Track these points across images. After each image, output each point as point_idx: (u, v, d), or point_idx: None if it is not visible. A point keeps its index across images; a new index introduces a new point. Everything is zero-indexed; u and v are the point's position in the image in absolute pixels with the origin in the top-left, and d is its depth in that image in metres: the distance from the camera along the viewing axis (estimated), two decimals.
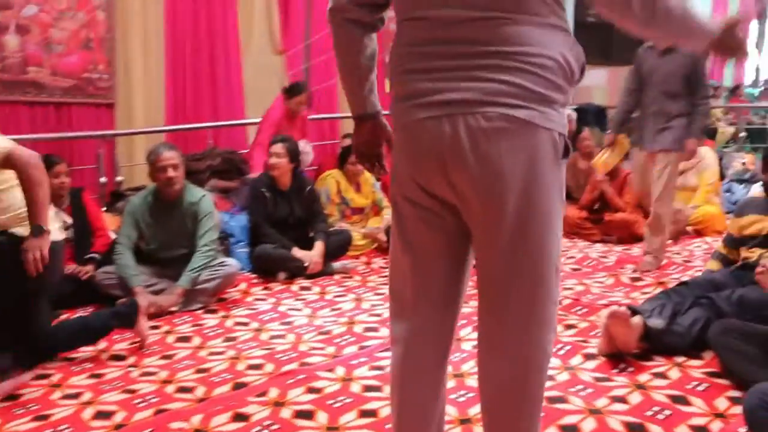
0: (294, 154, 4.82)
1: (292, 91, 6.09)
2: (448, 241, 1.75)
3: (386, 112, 1.83)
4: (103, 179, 5.86)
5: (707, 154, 6.02)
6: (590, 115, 8.52)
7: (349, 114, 1.95)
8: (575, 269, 4.75)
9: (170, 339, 3.49)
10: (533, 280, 1.67)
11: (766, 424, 2.12)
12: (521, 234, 1.62)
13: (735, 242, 3.52)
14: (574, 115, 7.34)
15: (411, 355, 1.81)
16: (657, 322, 3.08)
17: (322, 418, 2.57)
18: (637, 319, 3.08)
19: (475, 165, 1.57)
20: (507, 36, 1.56)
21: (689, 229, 5.72)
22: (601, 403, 2.63)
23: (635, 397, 2.68)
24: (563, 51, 1.61)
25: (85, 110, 6.56)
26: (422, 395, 1.83)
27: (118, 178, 6.04)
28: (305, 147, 5.91)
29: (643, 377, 2.87)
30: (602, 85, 11.37)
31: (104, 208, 5.43)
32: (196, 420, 2.56)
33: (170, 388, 2.88)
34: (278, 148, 4.77)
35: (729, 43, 1.67)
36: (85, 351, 3.32)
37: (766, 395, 2.06)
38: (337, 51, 1.84)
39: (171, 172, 4.02)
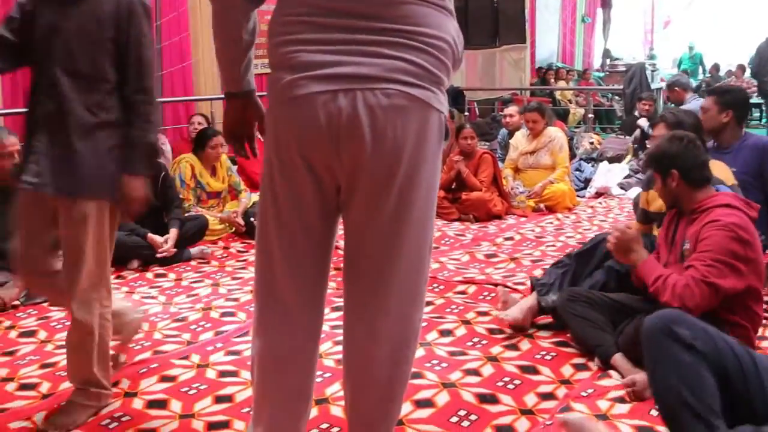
0: None
1: None
2: (321, 220, 1.73)
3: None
4: None
5: (557, 134, 6.30)
6: (449, 96, 8.72)
7: (205, 96, 1.87)
8: (433, 247, 4.85)
9: (13, 334, 3.28)
10: (411, 260, 1.70)
11: (662, 345, 2.22)
12: (403, 213, 1.65)
13: (647, 217, 3.47)
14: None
15: (284, 336, 1.79)
16: (550, 299, 3.19)
17: (175, 406, 2.50)
18: (531, 299, 3.23)
19: (370, 141, 1.57)
20: (409, 15, 1.58)
21: (542, 205, 5.98)
22: (455, 376, 2.71)
23: (487, 369, 2.78)
24: (453, 35, 1.65)
25: None
26: (299, 376, 1.82)
27: None
28: (162, 139, 5.71)
29: (495, 349, 2.98)
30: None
31: None
32: (40, 417, 2.42)
33: (11, 386, 2.71)
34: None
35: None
36: None
37: (663, 318, 2.17)
38: (216, 26, 1.77)
39: (10, 160, 3.75)
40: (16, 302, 3.64)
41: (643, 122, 7.06)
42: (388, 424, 1.86)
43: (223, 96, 1.88)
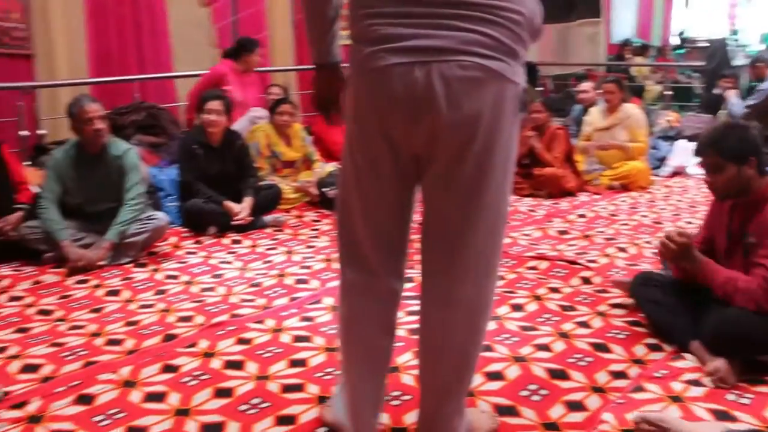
0: (229, 110, 4.75)
1: (241, 49, 5.97)
2: (400, 189, 1.79)
3: None
4: (24, 132, 5.65)
5: (634, 111, 6.16)
6: None
7: (281, 67, 1.94)
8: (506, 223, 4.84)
9: (99, 293, 3.44)
10: (487, 230, 1.74)
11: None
12: (480, 184, 1.68)
13: None
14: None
15: (369, 299, 1.86)
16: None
17: (251, 368, 2.58)
18: None
19: (446, 112, 1.61)
20: None
21: (616, 183, 5.87)
22: (525, 351, 2.72)
23: (559, 345, 2.77)
24: (530, 7, 1.66)
25: (1, 61, 6.27)
26: (379, 336, 1.89)
27: (41, 132, 5.82)
28: (260, 113, 5.81)
29: (566, 326, 2.97)
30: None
31: (28, 162, 5.26)
32: (126, 371, 2.54)
33: (99, 341, 2.85)
34: (216, 105, 4.66)
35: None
36: (11, 306, 3.26)
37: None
38: (303, 2, 1.83)
39: (97, 124, 3.90)
40: (102, 262, 3.81)
41: (734, 99, 6.77)
42: (460, 392, 1.90)
43: (296, 68, 1.94)
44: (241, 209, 4.49)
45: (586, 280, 3.54)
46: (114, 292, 3.44)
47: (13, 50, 6.29)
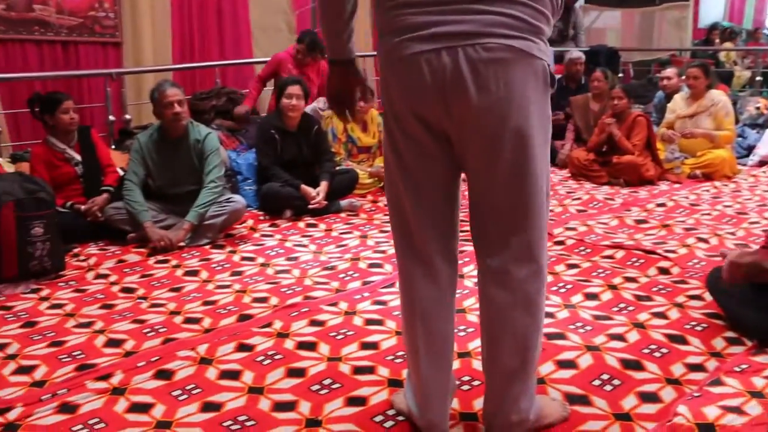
0: (307, 95, 4.82)
1: (310, 46, 6.03)
2: (444, 172, 1.81)
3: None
4: (111, 117, 5.87)
5: (721, 97, 5.95)
6: (602, 57, 8.41)
7: (357, 54, 1.96)
8: (580, 210, 4.77)
9: (179, 273, 3.56)
10: (532, 207, 1.75)
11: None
12: (518, 162, 1.70)
13: None
14: (582, 57, 7.25)
15: (427, 287, 1.87)
16: None
17: (324, 349, 2.63)
18: None
19: (475, 94, 1.63)
20: None
21: (698, 172, 5.70)
22: (599, 340, 2.68)
23: (633, 336, 2.72)
24: None
25: (92, 49, 6.54)
26: (444, 324, 1.91)
27: (126, 117, 6.05)
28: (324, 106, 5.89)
29: (642, 316, 2.91)
30: (616, 26, 11.20)
31: (113, 146, 5.46)
32: (203, 349, 2.63)
33: (178, 319, 2.95)
34: (296, 89, 4.74)
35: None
36: (98, 283, 3.41)
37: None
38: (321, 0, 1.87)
39: (176, 108, 4.03)
40: (182, 243, 3.94)
41: None
42: (525, 374, 1.89)
43: (373, 54, 1.96)
44: (317, 193, 4.56)
45: (664, 271, 3.45)
46: (192, 273, 3.56)
47: (103, 38, 6.55)
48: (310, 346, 2.65)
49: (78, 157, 4.24)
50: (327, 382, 2.38)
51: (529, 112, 1.68)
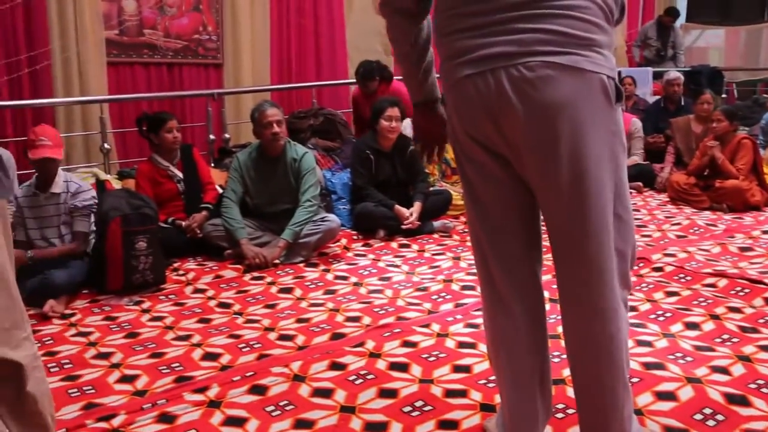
0: (404, 116, 4.86)
1: (363, 78, 6.06)
2: (513, 193, 1.77)
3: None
4: (211, 136, 6.08)
5: None
6: (704, 77, 8.15)
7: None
8: (680, 236, 4.61)
9: (273, 290, 3.63)
10: (590, 226, 1.67)
11: None
12: (579, 179, 1.63)
13: None
14: (681, 77, 7.04)
15: (503, 323, 1.83)
16: None
17: (416, 370, 2.63)
18: None
19: (524, 115, 1.61)
20: None
21: None
22: (700, 372, 2.57)
23: (738, 369, 2.60)
24: None
25: (195, 70, 6.83)
26: (523, 354, 1.85)
27: (226, 136, 6.25)
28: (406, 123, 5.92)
29: (747, 349, 2.78)
30: (719, 45, 10.82)
31: (212, 164, 5.65)
32: (296, 366, 2.67)
33: (272, 336, 3.01)
34: (395, 111, 4.79)
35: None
36: (196, 297, 3.53)
37: None
38: (391, 41, 1.90)
39: (275, 128, 4.14)
40: (277, 261, 4.03)
41: None
42: (615, 401, 1.79)
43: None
44: (410, 214, 4.58)
45: None
46: (287, 290, 3.63)
47: (206, 60, 6.82)
48: (403, 367, 2.65)
49: (180, 175, 4.41)
50: (419, 404, 2.37)
51: (584, 129, 1.61)
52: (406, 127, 5.62)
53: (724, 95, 9.23)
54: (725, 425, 2.22)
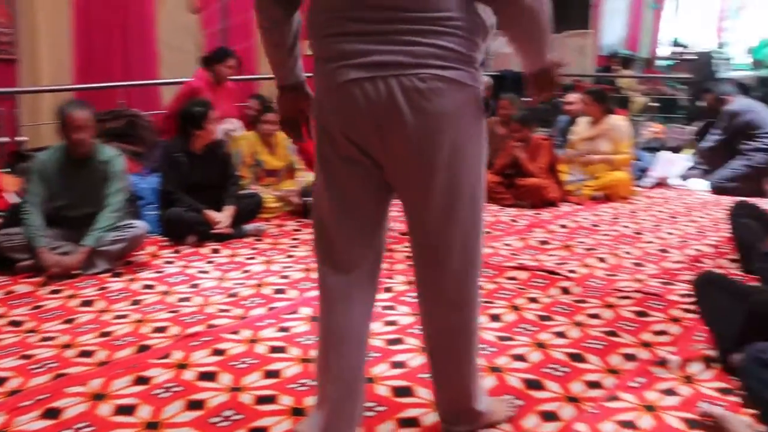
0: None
1: (212, 59, 5.94)
2: (377, 192, 1.88)
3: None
4: (3, 139, 5.60)
5: (619, 122, 6.19)
6: (508, 81, 8.62)
7: (268, 76, 2.00)
8: (486, 232, 4.83)
9: (73, 303, 3.39)
10: (466, 228, 1.85)
11: (758, 376, 2.33)
12: (454, 186, 1.78)
13: None
14: (491, 81, 7.41)
15: (344, 299, 1.92)
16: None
17: (226, 379, 2.55)
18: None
19: (412, 123, 1.69)
20: (431, 3, 1.66)
21: (598, 194, 5.88)
22: (501, 361, 2.71)
23: (535, 356, 2.77)
24: (480, 13, 1.75)
25: None
26: (353, 347, 1.95)
27: (21, 138, 5.78)
28: (232, 125, 5.79)
29: (543, 336, 2.96)
30: None
31: (6, 169, 5.21)
32: (96, 384, 2.51)
33: (70, 353, 2.80)
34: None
35: (550, 76, 1.90)
36: None
37: (761, 351, 2.26)
38: (261, 30, 1.91)
39: (80, 134, 3.86)
40: (78, 271, 3.76)
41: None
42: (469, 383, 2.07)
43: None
44: (222, 218, 4.47)
45: (566, 290, 3.53)
46: (88, 303, 3.40)
47: None
48: (211, 377, 2.57)
49: None
50: (228, 413, 2.31)
51: (463, 139, 1.76)
52: (220, 130, 5.52)
53: (528, 98, 9.80)
54: (523, 409, 2.34)
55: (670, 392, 2.47)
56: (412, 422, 2.27)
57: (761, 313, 2.53)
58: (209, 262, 4.07)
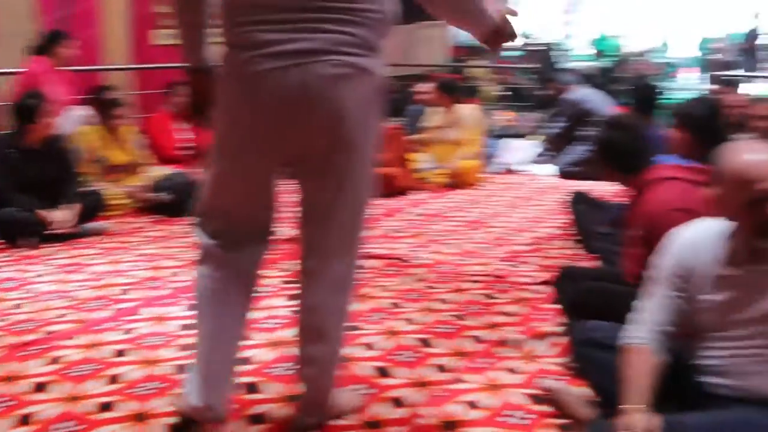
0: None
1: (49, 42, 5.58)
2: (275, 176, 1.96)
3: None
4: None
5: (467, 111, 6.38)
6: None
7: (112, 66, 1.92)
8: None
9: None
10: (356, 206, 1.98)
11: (590, 358, 2.22)
12: (350, 168, 1.90)
13: None
14: None
15: (231, 281, 1.99)
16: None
17: (65, 389, 2.42)
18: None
19: (321, 109, 1.78)
20: None
21: (447, 181, 6.04)
22: (351, 350, 2.70)
23: (385, 343, 2.81)
24: (390, 7, 1.86)
25: None
26: (231, 308, 2.02)
27: None
28: (82, 111, 5.47)
29: (394, 323, 3.01)
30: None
31: None
32: None
33: None
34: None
35: (503, 32, 2.03)
36: None
37: (591, 330, 2.24)
38: (178, 9, 1.93)
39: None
40: None
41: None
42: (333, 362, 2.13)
43: (130, 67, 1.94)
44: (59, 217, 4.23)
45: (416, 277, 3.61)
46: None
47: None
48: (47, 387, 2.43)
49: None
50: (67, 425, 2.19)
51: (366, 121, 1.87)
52: (69, 124, 5.21)
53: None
54: (372, 397, 2.37)
55: (514, 371, 2.57)
56: (260, 419, 2.25)
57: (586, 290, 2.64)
58: (49, 264, 3.86)
